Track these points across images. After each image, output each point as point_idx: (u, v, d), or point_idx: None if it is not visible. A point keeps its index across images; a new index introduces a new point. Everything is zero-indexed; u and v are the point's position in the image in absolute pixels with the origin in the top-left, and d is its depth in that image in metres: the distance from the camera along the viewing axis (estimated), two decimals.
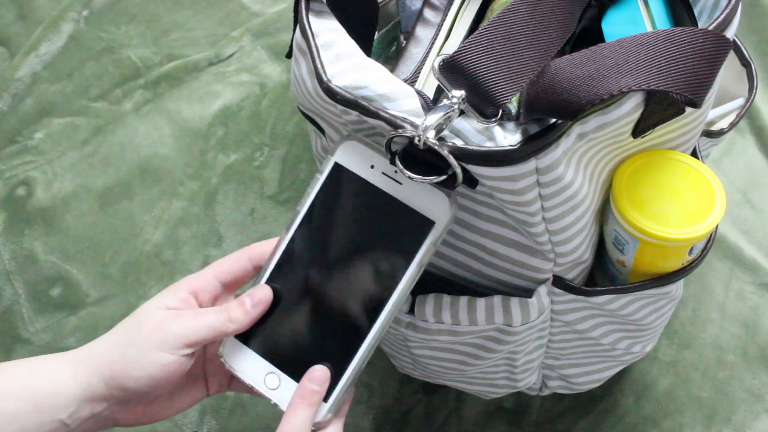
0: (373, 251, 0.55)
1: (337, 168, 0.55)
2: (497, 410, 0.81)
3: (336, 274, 0.56)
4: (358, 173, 0.55)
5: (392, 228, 0.54)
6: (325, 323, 0.56)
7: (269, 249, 0.59)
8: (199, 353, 0.58)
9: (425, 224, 0.53)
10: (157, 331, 0.54)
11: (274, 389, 0.56)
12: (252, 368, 0.57)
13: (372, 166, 0.54)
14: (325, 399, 0.56)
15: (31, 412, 0.53)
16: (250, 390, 0.58)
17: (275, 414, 0.81)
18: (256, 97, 1.00)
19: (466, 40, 0.48)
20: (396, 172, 0.53)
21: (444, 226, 0.53)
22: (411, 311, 0.63)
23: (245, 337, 0.57)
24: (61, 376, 0.55)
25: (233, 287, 0.61)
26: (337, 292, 0.56)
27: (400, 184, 0.54)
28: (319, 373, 0.55)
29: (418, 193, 0.53)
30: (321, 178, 0.56)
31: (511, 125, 0.49)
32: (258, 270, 0.60)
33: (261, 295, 0.57)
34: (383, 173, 0.54)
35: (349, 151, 0.55)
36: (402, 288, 0.54)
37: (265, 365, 0.57)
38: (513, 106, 0.61)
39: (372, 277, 0.55)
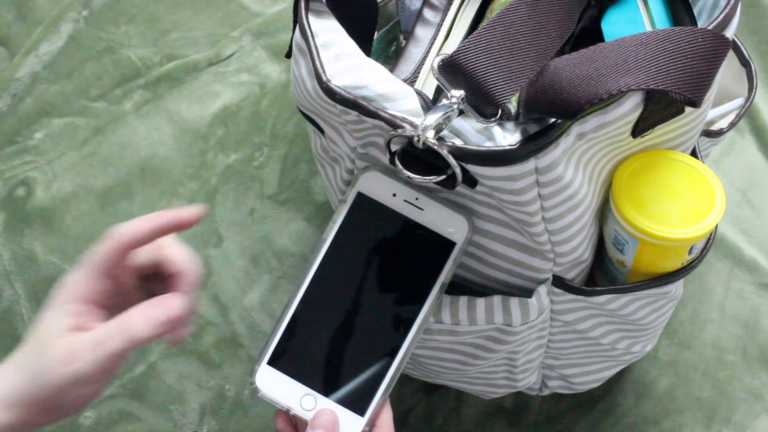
0: (400, 274, 0.58)
1: (361, 197, 0.57)
2: (497, 410, 0.81)
3: (365, 296, 0.58)
4: (381, 201, 0.57)
5: (416, 251, 0.57)
6: (358, 344, 0.58)
7: (137, 229, 0.57)
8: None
9: (447, 245, 0.57)
10: (64, 372, 0.53)
11: (311, 410, 0.57)
12: (287, 392, 0.58)
13: (394, 195, 0.57)
14: (362, 413, 0.57)
15: None
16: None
17: (275, 414, 0.81)
18: (255, 97, 1.00)
19: (466, 40, 0.48)
20: (417, 199, 0.56)
21: (463, 245, 0.57)
22: None
23: (277, 363, 0.58)
24: None
25: (113, 270, 0.57)
26: (367, 314, 0.58)
27: (422, 210, 0.57)
28: (324, 418, 0.56)
29: (438, 216, 0.56)
30: (345, 208, 0.58)
31: (510, 125, 0.49)
32: (131, 249, 0.58)
33: (174, 305, 0.55)
34: (405, 200, 0.57)
35: (371, 181, 0.57)
36: (428, 305, 0.57)
37: (300, 388, 0.58)
38: (513, 106, 0.61)
39: (400, 297, 0.57)
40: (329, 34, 0.54)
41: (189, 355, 0.85)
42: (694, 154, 0.62)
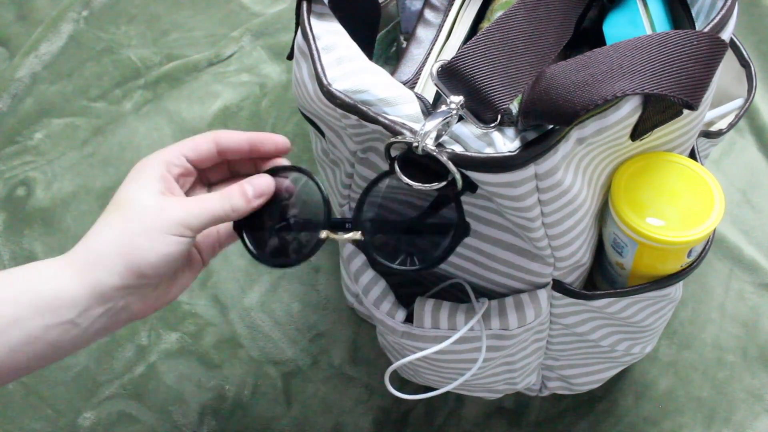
0: None
1: None
2: (497, 410, 0.81)
3: None
4: None
5: None
6: None
7: (236, 139, 0.60)
8: None
9: None
10: (161, 217, 0.55)
11: None
12: None
13: None
14: None
15: (33, 316, 0.53)
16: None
17: (275, 414, 0.81)
18: (256, 97, 1.00)
19: (464, 46, 0.48)
20: None
21: None
22: (407, 321, 0.63)
23: None
24: (62, 279, 0.54)
25: (197, 165, 0.61)
26: None
27: None
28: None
29: None
30: None
31: (510, 131, 0.49)
32: (222, 156, 0.61)
33: (264, 185, 0.58)
34: None
35: None
36: None
37: None
38: (514, 107, 0.61)
39: None
40: (331, 37, 0.54)
41: (189, 355, 0.85)
42: (692, 155, 0.62)
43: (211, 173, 0.63)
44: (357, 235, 0.56)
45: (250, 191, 0.57)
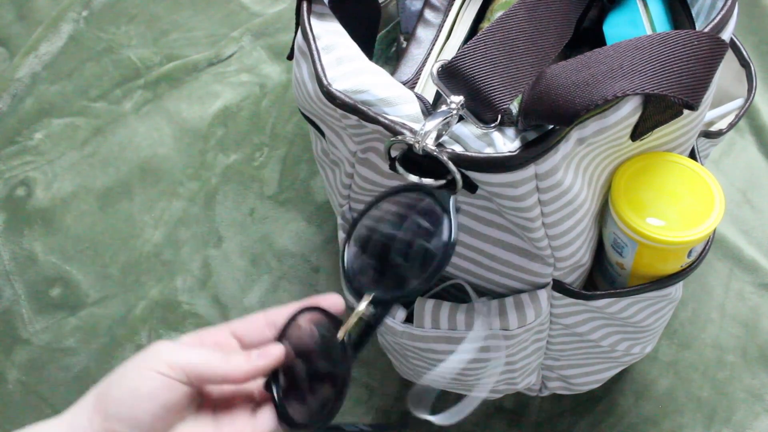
0: None
1: None
2: (497, 410, 0.81)
3: None
4: None
5: None
6: None
7: (286, 314, 0.56)
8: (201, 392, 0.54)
9: None
10: (148, 353, 0.50)
11: None
12: None
13: None
14: None
15: None
16: None
17: None
18: (255, 97, 1.00)
19: (465, 46, 0.48)
20: None
21: None
22: (407, 321, 0.63)
23: None
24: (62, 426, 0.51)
25: (248, 347, 0.56)
26: None
27: None
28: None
29: None
30: None
31: (510, 131, 0.49)
32: (275, 334, 0.56)
33: (273, 350, 0.53)
34: None
35: None
36: None
37: None
38: (514, 107, 0.61)
39: None
40: (331, 38, 0.54)
41: None
42: (692, 155, 0.62)
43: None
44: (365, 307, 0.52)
45: (254, 352, 0.52)
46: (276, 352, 0.53)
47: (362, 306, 0.50)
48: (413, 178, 0.50)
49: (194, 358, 0.50)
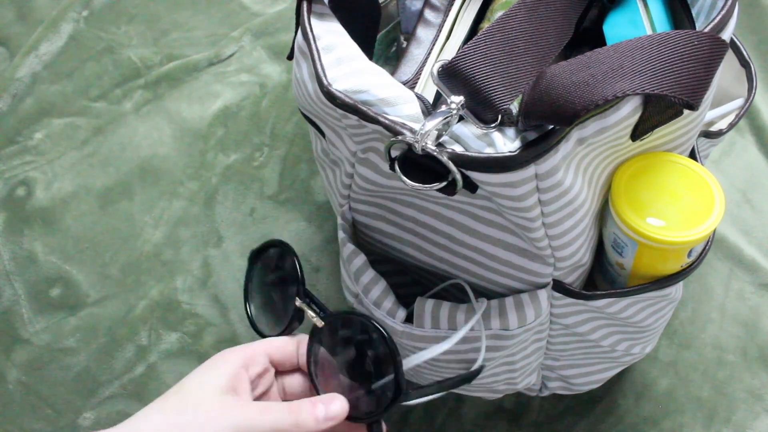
0: None
1: None
2: (497, 410, 0.81)
3: None
4: None
5: None
6: None
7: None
8: None
9: None
10: (216, 419, 0.51)
11: None
12: None
13: None
14: None
15: None
16: None
17: None
18: (256, 97, 1.00)
19: (465, 46, 0.48)
20: None
21: None
22: (407, 321, 0.63)
23: None
24: None
25: (279, 367, 0.60)
26: None
27: None
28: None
29: None
30: None
31: (510, 131, 0.49)
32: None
33: (338, 408, 0.54)
34: None
35: None
36: None
37: None
38: (514, 107, 0.61)
39: None
40: (331, 37, 0.54)
41: (189, 355, 0.85)
42: (693, 155, 0.62)
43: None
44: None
45: (321, 413, 0.53)
46: (341, 412, 0.54)
47: None
48: (409, 182, 0.50)
49: (266, 426, 0.52)
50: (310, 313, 0.59)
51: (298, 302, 0.59)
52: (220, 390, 0.53)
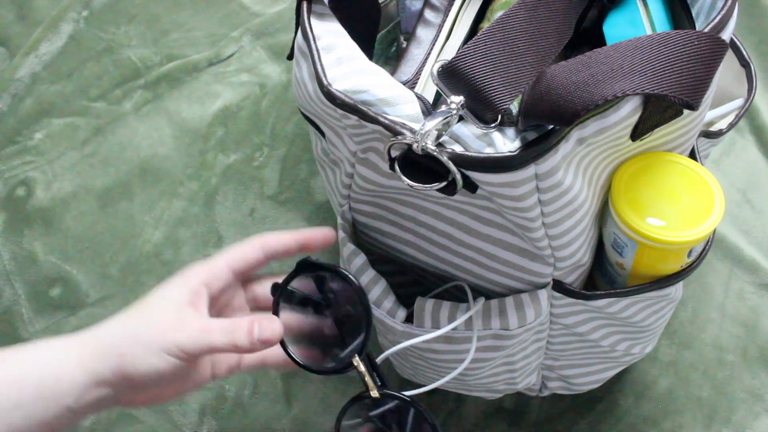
0: None
1: None
2: (497, 410, 0.81)
3: None
4: None
5: None
6: None
7: (284, 241, 0.60)
8: None
9: None
10: (165, 334, 0.55)
11: None
12: None
13: None
14: None
15: (36, 399, 0.54)
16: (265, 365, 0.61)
17: (275, 414, 0.81)
18: (256, 97, 1.00)
19: (465, 46, 0.48)
20: None
21: None
22: (407, 321, 0.63)
23: None
24: (66, 363, 0.55)
25: (244, 275, 0.62)
26: None
27: None
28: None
29: None
30: None
31: (510, 131, 0.49)
32: (270, 259, 0.61)
33: (270, 331, 0.56)
34: None
35: None
36: None
37: None
38: (514, 107, 0.61)
39: None
40: (331, 38, 0.54)
41: None
42: (692, 155, 0.62)
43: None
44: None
45: (256, 333, 0.56)
46: (274, 335, 0.56)
47: None
48: (412, 183, 0.50)
49: (204, 344, 0.55)
50: (369, 381, 0.58)
51: (355, 361, 0.58)
52: (178, 305, 0.57)
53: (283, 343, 0.60)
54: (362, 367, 0.57)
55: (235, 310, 0.64)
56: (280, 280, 0.61)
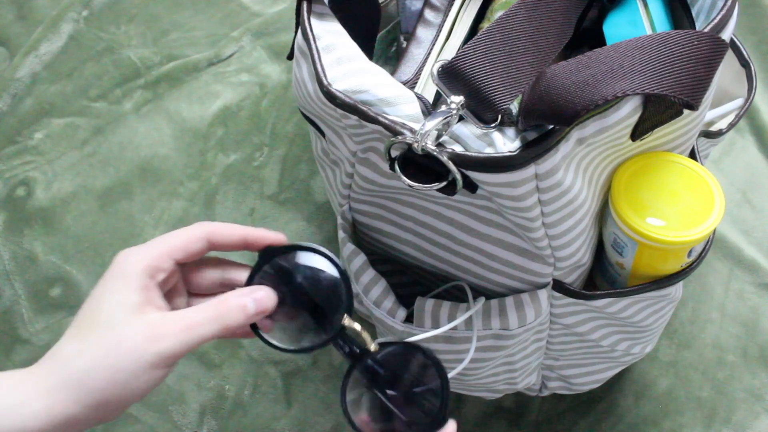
0: None
1: None
2: (497, 410, 0.81)
3: None
4: None
5: None
6: None
7: (229, 236, 0.56)
8: None
9: None
10: (144, 350, 0.49)
11: None
12: None
13: None
14: None
15: None
16: None
17: (275, 414, 0.81)
18: (255, 97, 1.00)
19: (465, 46, 0.48)
20: None
21: None
22: (407, 321, 0.63)
23: None
24: (30, 409, 0.48)
25: (184, 263, 0.56)
26: None
27: None
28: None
29: None
30: None
31: (510, 131, 0.49)
32: (212, 250, 0.56)
33: (266, 299, 0.54)
34: None
35: None
36: None
37: None
38: (514, 107, 0.61)
39: None
40: (331, 37, 0.54)
41: (188, 355, 0.85)
42: (692, 155, 0.62)
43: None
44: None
45: (251, 307, 0.53)
46: (271, 303, 0.54)
47: None
48: (412, 183, 0.50)
49: (195, 341, 0.51)
50: (366, 335, 0.55)
51: (347, 321, 0.55)
52: (135, 310, 0.51)
53: (271, 344, 0.57)
54: (356, 325, 0.55)
55: (178, 295, 0.57)
56: (221, 269, 0.59)
